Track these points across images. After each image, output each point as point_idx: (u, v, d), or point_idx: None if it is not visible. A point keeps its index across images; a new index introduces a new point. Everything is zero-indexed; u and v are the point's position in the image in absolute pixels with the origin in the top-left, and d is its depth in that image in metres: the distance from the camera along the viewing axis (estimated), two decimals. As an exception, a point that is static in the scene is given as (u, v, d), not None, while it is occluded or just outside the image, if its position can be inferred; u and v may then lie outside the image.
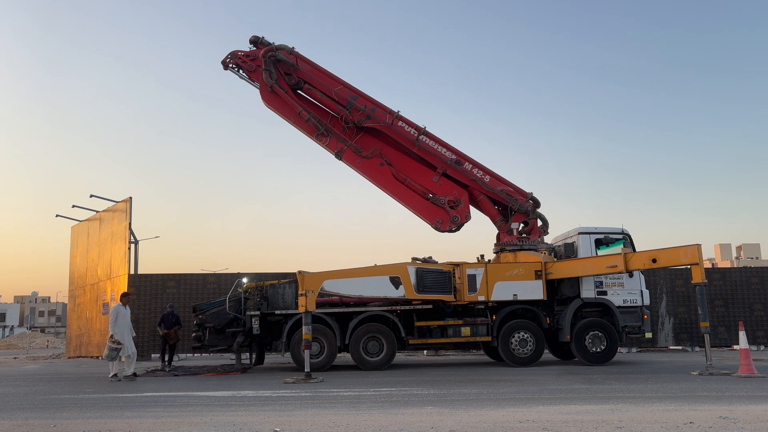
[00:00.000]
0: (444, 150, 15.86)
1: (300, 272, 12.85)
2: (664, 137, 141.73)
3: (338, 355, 14.69)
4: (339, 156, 15.81)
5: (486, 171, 15.92)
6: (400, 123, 15.84)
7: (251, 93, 16.31)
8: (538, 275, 14.35)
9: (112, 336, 12.94)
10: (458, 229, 15.63)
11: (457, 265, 14.53)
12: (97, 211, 23.58)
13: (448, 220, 15.43)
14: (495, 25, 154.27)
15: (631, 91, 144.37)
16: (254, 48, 16.20)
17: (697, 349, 19.63)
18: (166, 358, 16.18)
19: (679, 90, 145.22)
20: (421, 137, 15.71)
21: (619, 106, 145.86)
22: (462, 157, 15.89)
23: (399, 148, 16.11)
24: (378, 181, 15.80)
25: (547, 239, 16.02)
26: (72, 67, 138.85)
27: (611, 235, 14.75)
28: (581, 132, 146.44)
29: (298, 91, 16.34)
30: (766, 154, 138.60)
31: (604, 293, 14.42)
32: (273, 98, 15.86)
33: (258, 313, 14.22)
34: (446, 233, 15.68)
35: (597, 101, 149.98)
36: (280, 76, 15.93)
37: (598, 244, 14.68)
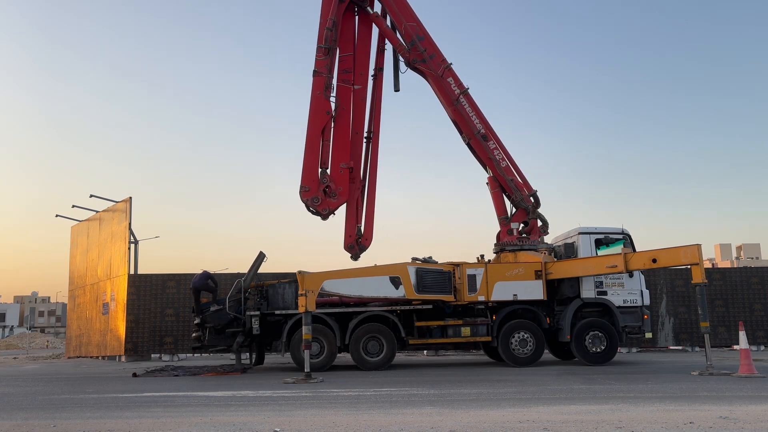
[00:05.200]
0: (476, 120, 15.95)
1: (300, 272, 12.87)
2: (665, 136, 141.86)
3: (338, 355, 14.69)
4: (314, 74, 15.63)
5: (506, 156, 16.01)
6: (449, 78, 15.96)
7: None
8: (538, 275, 14.35)
9: None
10: (315, 212, 15.36)
11: (457, 265, 14.53)
12: (97, 211, 23.56)
13: (311, 196, 15.20)
14: (494, 22, 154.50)
15: (631, 89, 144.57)
16: None
17: (697, 349, 19.62)
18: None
19: (679, 89, 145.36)
20: (461, 98, 15.81)
21: (618, 106, 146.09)
22: (490, 132, 15.99)
23: (356, 122, 16.17)
24: (311, 120, 15.53)
25: (547, 239, 16.03)
26: (72, 66, 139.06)
27: (611, 235, 14.76)
28: (581, 131, 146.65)
29: (356, 14, 16.47)
30: (766, 153, 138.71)
31: (604, 293, 14.42)
32: None
33: (258, 313, 14.22)
34: (304, 207, 15.38)
35: (597, 100, 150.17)
36: None
37: (598, 244, 14.68)
